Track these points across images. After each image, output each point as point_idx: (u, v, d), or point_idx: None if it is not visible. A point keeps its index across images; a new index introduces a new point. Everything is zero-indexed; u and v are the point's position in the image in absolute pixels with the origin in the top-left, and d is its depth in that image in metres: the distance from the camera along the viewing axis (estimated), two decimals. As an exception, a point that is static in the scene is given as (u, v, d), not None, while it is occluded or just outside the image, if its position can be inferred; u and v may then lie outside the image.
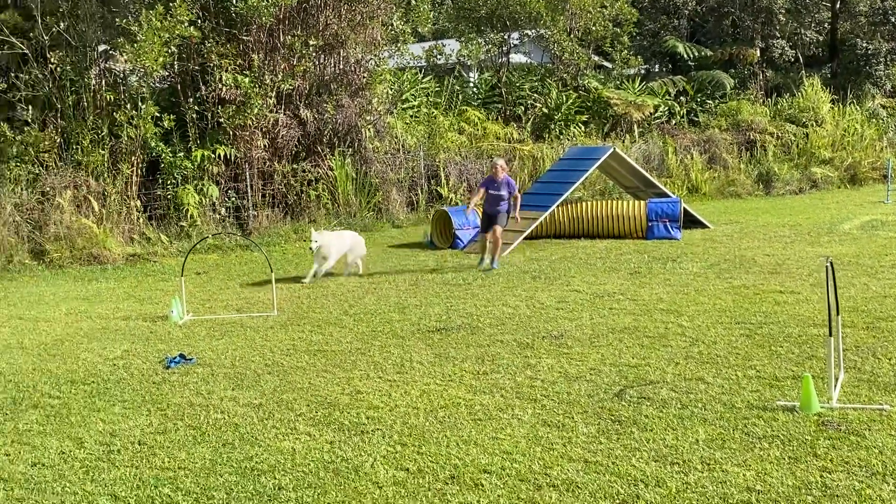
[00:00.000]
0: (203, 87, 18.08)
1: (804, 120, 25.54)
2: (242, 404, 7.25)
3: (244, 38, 18.33)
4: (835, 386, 6.93)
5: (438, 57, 26.16)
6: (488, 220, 13.82)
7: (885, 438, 5.92)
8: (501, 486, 5.40)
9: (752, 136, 24.73)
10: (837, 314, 7.59)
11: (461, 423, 6.56)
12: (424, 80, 24.02)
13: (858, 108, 26.91)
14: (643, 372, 7.78)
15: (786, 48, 27.97)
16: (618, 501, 5.12)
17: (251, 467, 5.86)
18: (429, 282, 12.78)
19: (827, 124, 25.56)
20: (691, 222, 17.39)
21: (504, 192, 13.77)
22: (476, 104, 24.52)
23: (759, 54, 28.00)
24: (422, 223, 19.28)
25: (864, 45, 28.08)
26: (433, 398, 7.21)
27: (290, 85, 18.53)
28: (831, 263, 7.03)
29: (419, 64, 25.58)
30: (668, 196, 17.62)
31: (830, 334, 6.91)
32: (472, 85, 25.79)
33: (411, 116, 22.47)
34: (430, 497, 5.28)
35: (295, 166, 18.91)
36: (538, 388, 7.41)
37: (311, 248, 13.11)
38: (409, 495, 5.32)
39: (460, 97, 24.36)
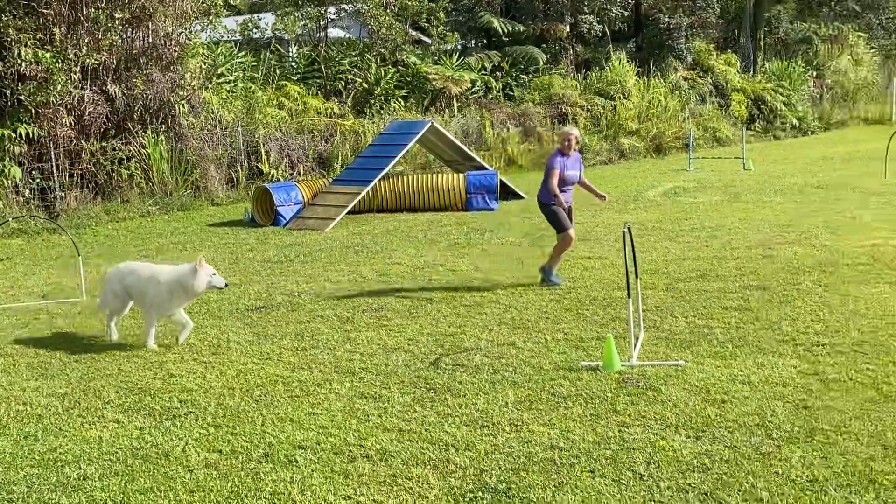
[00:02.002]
0: (0, 64, 17.07)
1: (612, 93, 26.58)
2: (46, 394, 6.96)
3: (44, 10, 17.39)
4: (635, 345, 7.32)
5: (254, 31, 25.61)
6: (569, 213, 10.23)
7: (679, 392, 6.30)
8: (316, 460, 5.43)
9: (563, 109, 25.55)
10: (637, 277, 8.00)
11: (278, 401, 6.54)
12: (240, 55, 23.53)
13: (662, 81, 28.23)
14: (459, 340, 7.97)
15: (594, 23, 28.97)
16: (429, 467, 5.25)
17: (55, 458, 5.66)
18: (249, 260, 12.60)
19: (633, 97, 26.71)
20: (508, 194, 17.84)
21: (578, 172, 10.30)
22: (296, 79, 24.23)
23: (568, 30, 28.88)
24: (242, 201, 18.94)
25: (667, 19, 29.44)
26: (250, 377, 7.14)
27: (96, 60, 17.74)
28: (629, 229, 7.40)
29: (235, 38, 25.01)
30: (486, 169, 18.00)
31: (629, 296, 7.30)
32: (290, 59, 25.45)
33: (228, 91, 21.98)
34: (242, 477, 5.25)
35: (104, 144, 18.14)
36: (356, 361, 7.46)
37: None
38: (221, 477, 5.27)
39: (278, 72, 24.01)
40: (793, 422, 5.62)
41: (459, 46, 29.05)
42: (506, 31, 28.55)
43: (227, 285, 8.46)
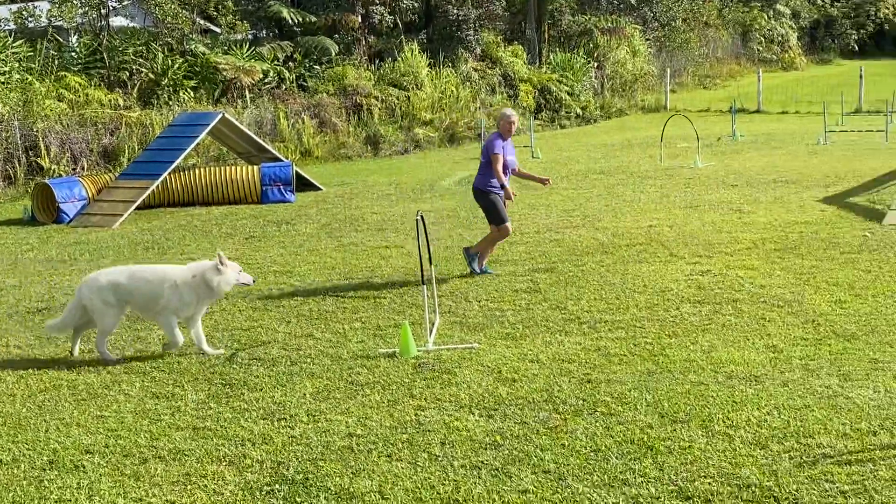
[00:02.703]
0: None
1: (405, 83, 26.84)
2: None
3: None
4: (431, 330, 7.47)
5: (29, 20, 24.17)
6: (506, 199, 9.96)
7: (472, 374, 6.49)
8: (104, 464, 5.24)
9: (358, 100, 25.56)
10: (432, 264, 8.17)
11: (62, 405, 6.26)
12: (15, 45, 22.14)
13: (453, 72, 28.77)
14: (255, 334, 7.88)
15: (385, 14, 29.14)
16: (225, 463, 5.18)
17: None
18: (30, 260, 11.93)
19: (426, 87, 27.07)
20: (304, 185, 17.71)
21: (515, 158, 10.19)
22: (76, 70, 23.06)
23: (360, 20, 28.93)
24: (22, 198, 17.88)
25: (456, 11, 30.00)
26: (31, 382, 6.79)
27: None
28: (422, 217, 7.54)
29: (8, 27, 23.49)
30: (281, 160, 17.80)
31: (424, 283, 7.44)
32: (70, 49, 24.18)
33: (2, 84, 20.64)
34: (25, 486, 5.00)
35: None
36: (148, 360, 7.24)
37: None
38: (3, 487, 5.00)
39: (57, 62, 22.75)
40: (578, 396, 5.91)
41: (251, 36, 28.50)
42: (296, 21, 28.26)
43: (254, 281, 7.90)
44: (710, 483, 4.51)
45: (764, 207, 13.12)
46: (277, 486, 4.86)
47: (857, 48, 49.78)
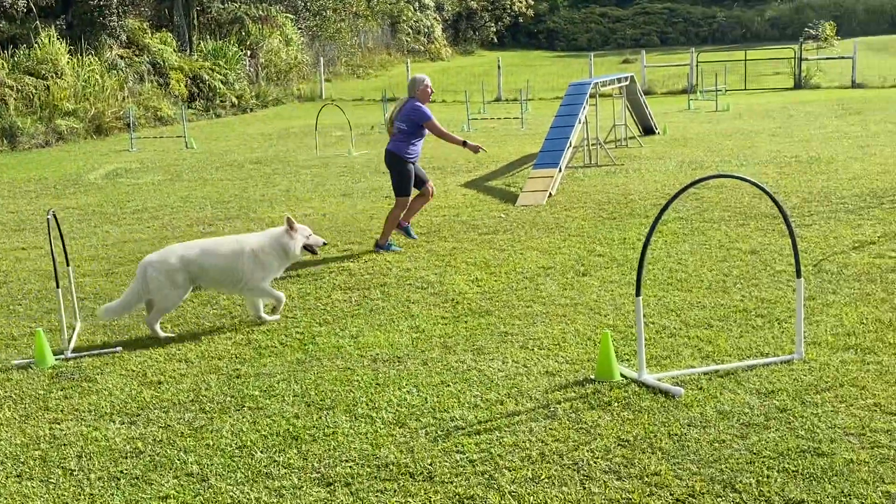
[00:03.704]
0: None
1: (44, 72, 25.06)
2: None
3: None
4: (71, 337, 7.05)
5: None
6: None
7: (115, 380, 6.21)
8: None
9: (-10, 89, 23.52)
10: (68, 265, 7.70)
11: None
12: None
13: (97, 59, 27.27)
14: None
15: (18, -2, 26.98)
16: None
17: None
18: None
19: (67, 76, 25.42)
20: (-74, 184, 16.01)
21: None
22: None
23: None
24: None
25: (97, -4, 28.43)
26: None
27: None
28: (54, 215, 7.08)
29: None
30: None
31: (58, 287, 6.98)
32: None
33: None
34: None
35: None
36: None
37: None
38: None
39: None
40: (226, 392, 5.84)
41: None
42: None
43: (325, 244, 7.90)
44: (351, 466, 4.64)
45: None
46: None
47: (496, 40, 53.18)
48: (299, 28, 39.49)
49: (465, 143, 10.07)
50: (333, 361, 6.35)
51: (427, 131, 9.90)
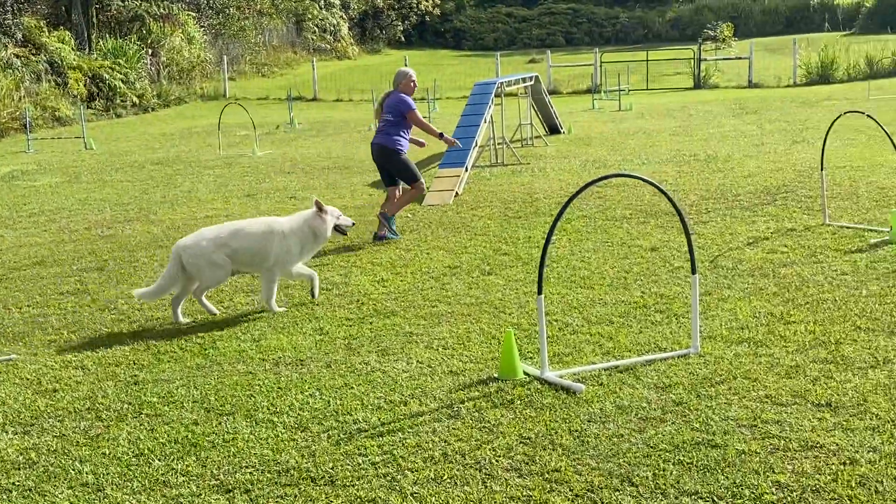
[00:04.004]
0: None
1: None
2: None
3: None
4: (-41, 346, 6.81)
5: None
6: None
7: (8, 389, 6.01)
8: None
9: None
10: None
11: None
12: None
13: (-9, 58, 26.40)
14: None
15: None
16: None
17: None
18: None
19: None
20: None
21: None
22: None
23: None
24: None
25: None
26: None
27: None
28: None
29: None
30: None
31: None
32: None
33: None
34: None
35: None
36: None
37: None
38: None
39: None
40: (123, 400, 5.70)
41: None
42: None
43: (353, 224, 8.14)
44: (251, 473, 4.58)
45: (318, 193, 13.58)
46: None
47: (403, 39, 53.15)
48: (202, 26, 38.83)
49: (441, 136, 10.64)
50: (234, 366, 6.26)
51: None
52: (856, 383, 5.27)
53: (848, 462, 4.34)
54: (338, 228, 7.84)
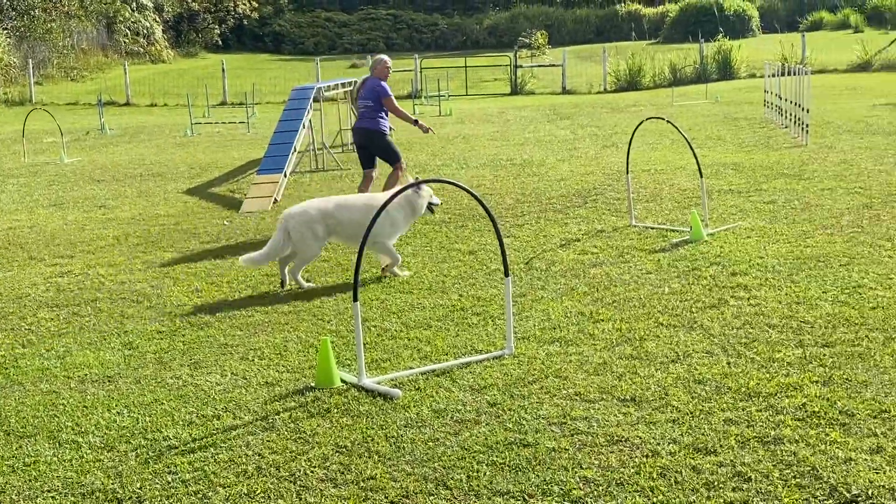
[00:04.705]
0: None
1: None
2: None
3: None
4: None
5: None
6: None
7: None
8: None
9: None
10: None
11: None
12: None
13: None
14: None
15: None
16: None
17: None
18: None
19: None
20: None
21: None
22: None
23: None
24: None
25: None
26: None
27: None
28: None
29: None
30: None
31: None
32: None
33: None
34: None
35: None
36: None
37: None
38: None
39: None
40: None
41: None
42: None
43: (440, 203, 8.67)
44: (53, 497, 4.34)
45: (129, 202, 13.11)
46: None
47: (220, 42, 51.96)
48: (4, 28, 36.75)
49: (416, 122, 10.99)
50: (37, 385, 5.93)
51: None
52: (658, 378, 5.52)
53: (650, 454, 4.53)
54: (430, 206, 8.37)
